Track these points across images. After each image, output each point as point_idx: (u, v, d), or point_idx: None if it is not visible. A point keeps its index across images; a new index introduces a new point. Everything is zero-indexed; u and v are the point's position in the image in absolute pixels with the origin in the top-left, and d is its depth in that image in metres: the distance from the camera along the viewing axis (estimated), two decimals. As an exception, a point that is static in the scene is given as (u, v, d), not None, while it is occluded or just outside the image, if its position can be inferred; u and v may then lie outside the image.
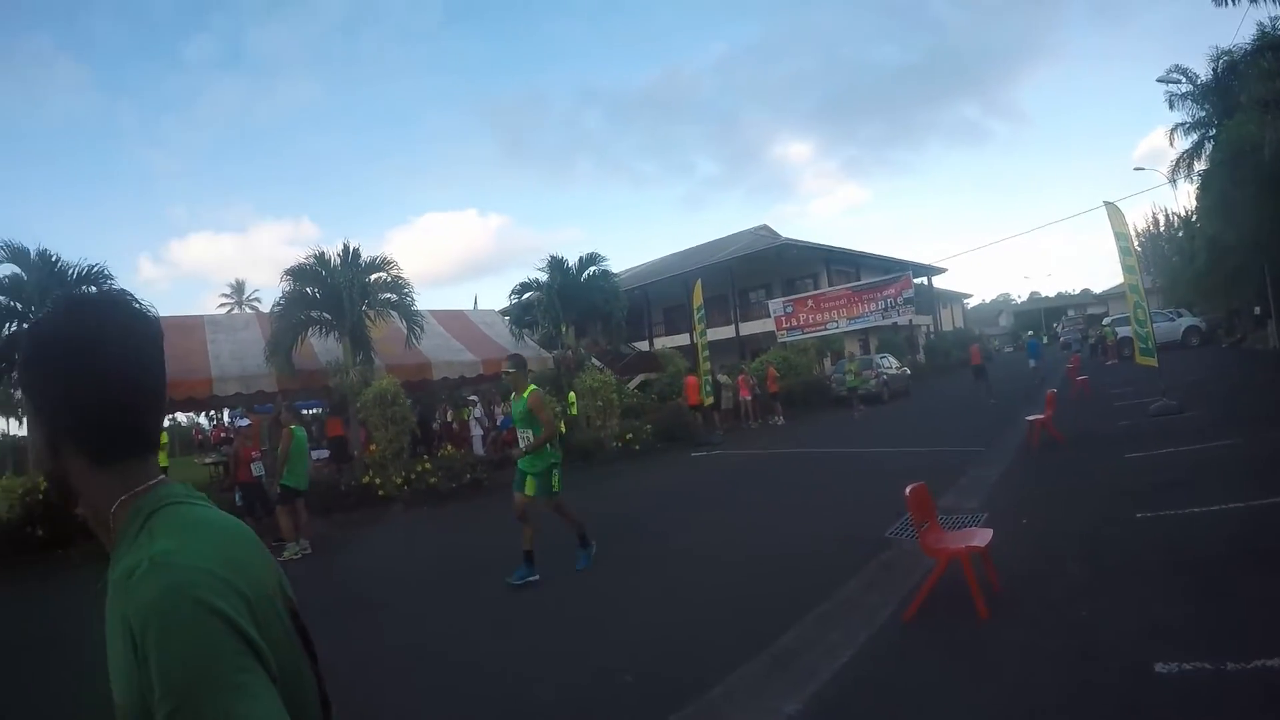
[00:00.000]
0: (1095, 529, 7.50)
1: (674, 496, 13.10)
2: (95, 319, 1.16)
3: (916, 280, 42.30)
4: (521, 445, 8.07)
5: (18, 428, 55.40)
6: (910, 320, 43.12)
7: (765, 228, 50.53)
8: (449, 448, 18.20)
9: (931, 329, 53.42)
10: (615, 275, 26.24)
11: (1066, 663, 4.61)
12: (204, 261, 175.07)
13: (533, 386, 8.16)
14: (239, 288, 72.08)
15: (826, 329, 39.32)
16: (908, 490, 5.92)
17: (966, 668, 4.77)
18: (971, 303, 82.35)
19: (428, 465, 15.74)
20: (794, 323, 40.62)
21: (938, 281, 55.21)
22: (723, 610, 6.34)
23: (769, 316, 42.35)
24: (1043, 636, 5.05)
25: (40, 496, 12.85)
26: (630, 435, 19.95)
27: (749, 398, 25.94)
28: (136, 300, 1.24)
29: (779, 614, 5.90)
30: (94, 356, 1.13)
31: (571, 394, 20.53)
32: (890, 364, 31.73)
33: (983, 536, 5.91)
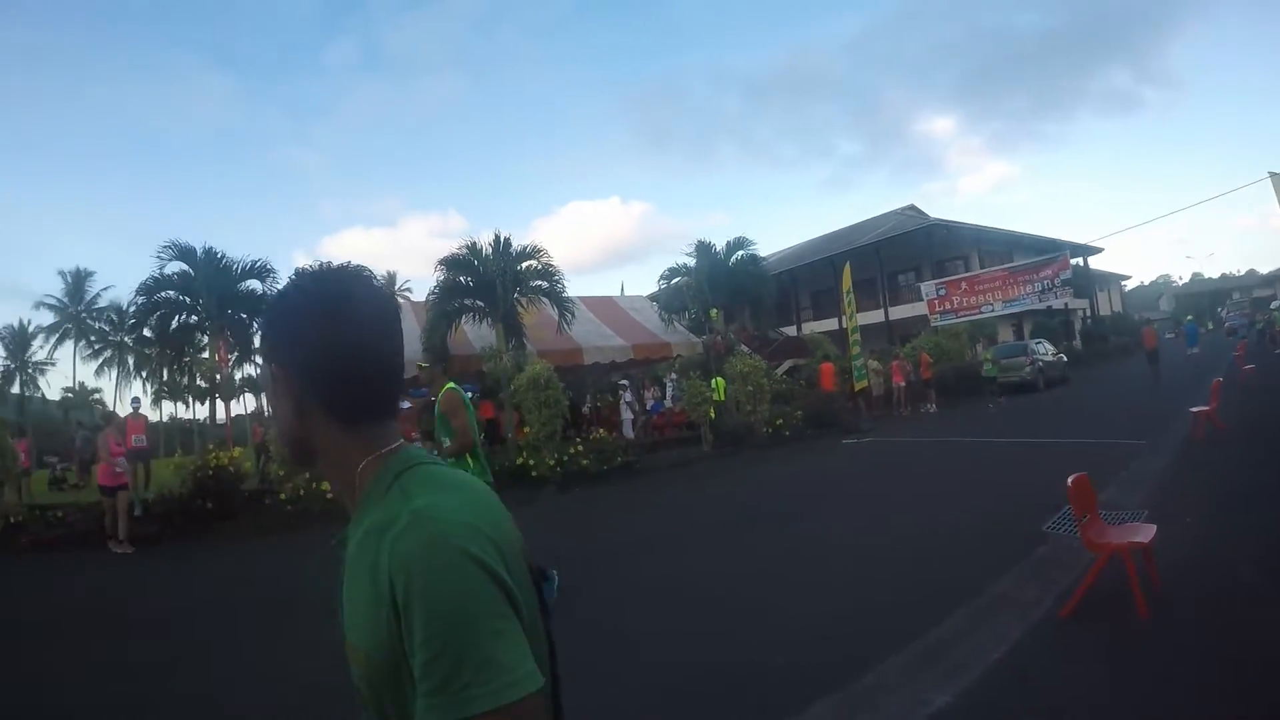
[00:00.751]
0: (1265, 529, 6.95)
1: (825, 484, 12.91)
2: (343, 286, 1.21)
3: (1071, 261, 40.11)
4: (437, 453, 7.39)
5: (184, 411, 59.37)
6: (1066, 304, 41.08)
7: (912, 208, 48.97)
8: (600, 431, 18.37)
9: (1088, 313, 50.46)
10: (762, 259, 25.86)
11: (1232, 669, 4.32)
12: (356, 255, 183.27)
13: (450, 385, 6.90)
14: (391, 279, 74.61)
15: (981, 312, 37.66)
16: (1070, 480, 5.59)
17: (1126, 669, 4.54)
18: (1129, 285, 78.37)
19: (580, 448, 15.94)
20: (947, 306, 39.10)
21: (1093, 262, 51.65)
22: (875, 599, 6.26)
23: (918, 300, 40.78)
24: (1207, 640, 4.76)
25: (210, 473, 13.78)
26: (780, 421, 19.71)
27: (902, 384, 25.13)
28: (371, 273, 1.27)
29: (932, 605, 5.77)
30: (346, 322, 1.18)
31: (719, 379, 20.37)
32: (1046, 350, 30.08)
33: (1146, 532, 5.53)
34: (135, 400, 17.64)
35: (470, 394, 24.17)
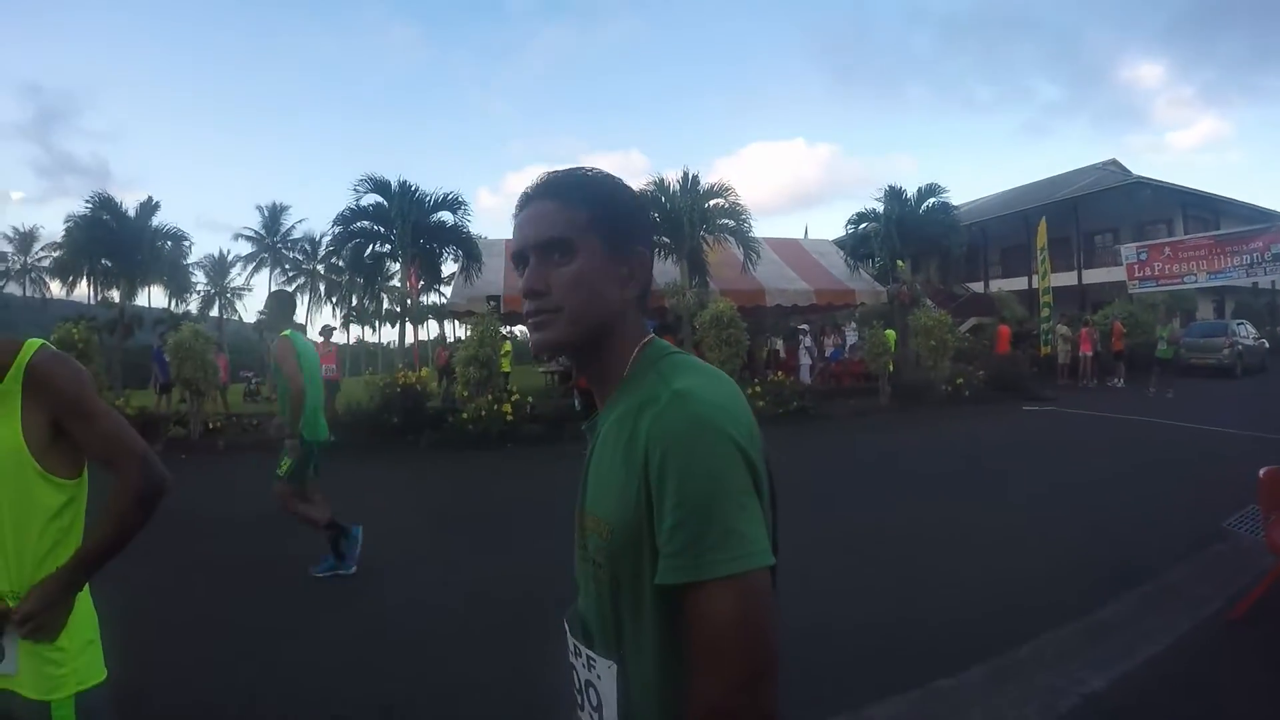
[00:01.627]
0: None
1: (1001, 449, 12.44)
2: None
3: (1284, 235, 36.34)
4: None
5: (370, 335, 62.45)
6: (1275, 283, 37.59)
7: (1114, 163, 45.45)
8: (778, 374, 18.07)
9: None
10: (954, 208, 24.74)
11: None
12: None
13: (286, 332, 6.18)
14: (576, 214, 76.29)
15: (1184, 282, 34.81)
16: (1261, 473, 5.22)
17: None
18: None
19: (758, 389, 15.81)
20: (1147, 272, 35.90)
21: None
22: (1039, 572, 6.07)
23: (1116, 264, 37.65)
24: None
25: (398, 390, 14.55)
26: (961, 380, 18.82)
27: (1090, 353, 23.44)
28: None
29: (1097, 586, 5.60)
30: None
31: (890, 331, 19.61)
32: (1248, 333, 27.40)
33: (1341, 543, 4.96)
34: (326, 329, 17.76)
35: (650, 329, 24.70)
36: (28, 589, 1.87)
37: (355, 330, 62.80)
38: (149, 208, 26.49)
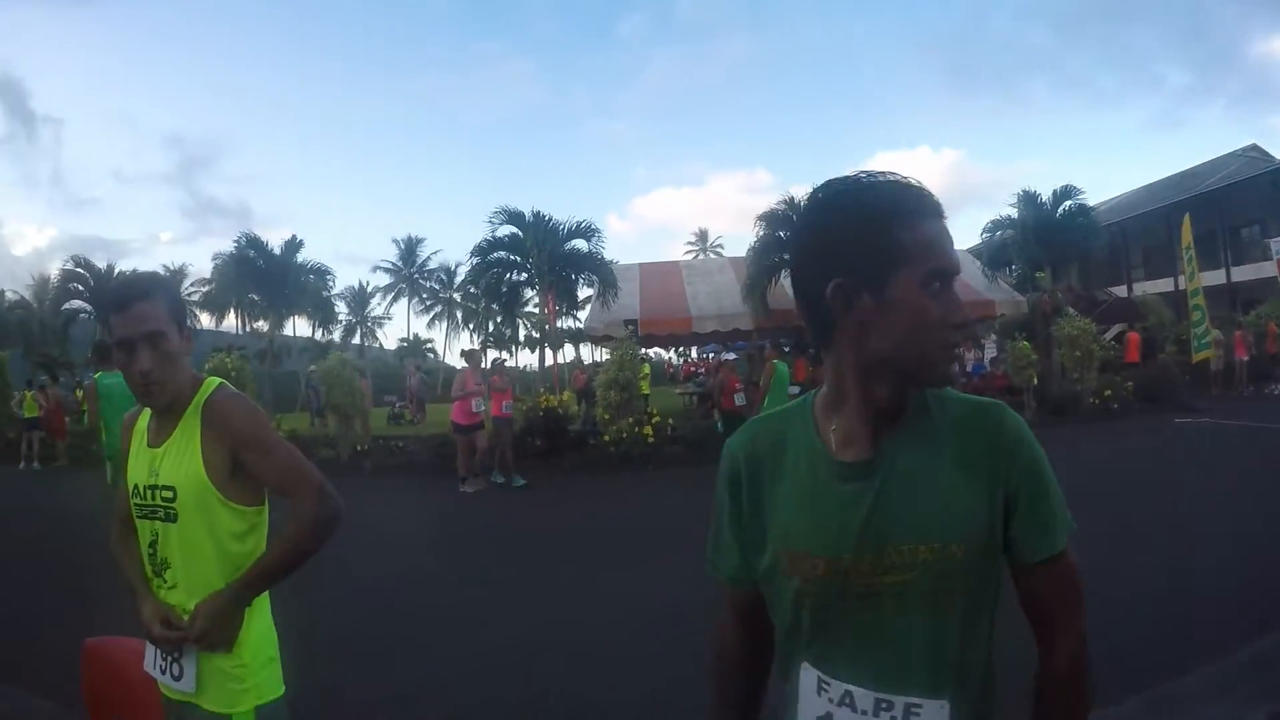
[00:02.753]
0: None
1: (1154, 466, 11.88)
2: None
3: None
4: None
5: (509, 360, 64.19)
6: None
7: (1255, 148, 41.99)
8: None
9: None
10: (1091, 209, 23.84)
11: None
12: (666, 214, 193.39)
13: (96, 375, 6.21)
14: (703, 235, 77.42)
15: (1343, 277, 32.37)
16: None
17: None
18: None
19: None
20: None
21: None
22: (1196, 599, 5.79)
23: (1266, 259, 34.55)
24: None
25: (540, 413, 15.10)
26: (1109, 392, 18.08)
27: (1245, 359, 22.05)
28: None
29: (1259, 616, 5.22)
30: None
31: (1025, 343, 18.77)
32: None
33: None
34: (497, 363, 15.82)
35: (743, 349, 23.89)
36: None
37: (492, 355, 64.81)
38: (293, 245, 27.92)
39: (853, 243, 1.19)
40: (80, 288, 38.27)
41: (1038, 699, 1.35)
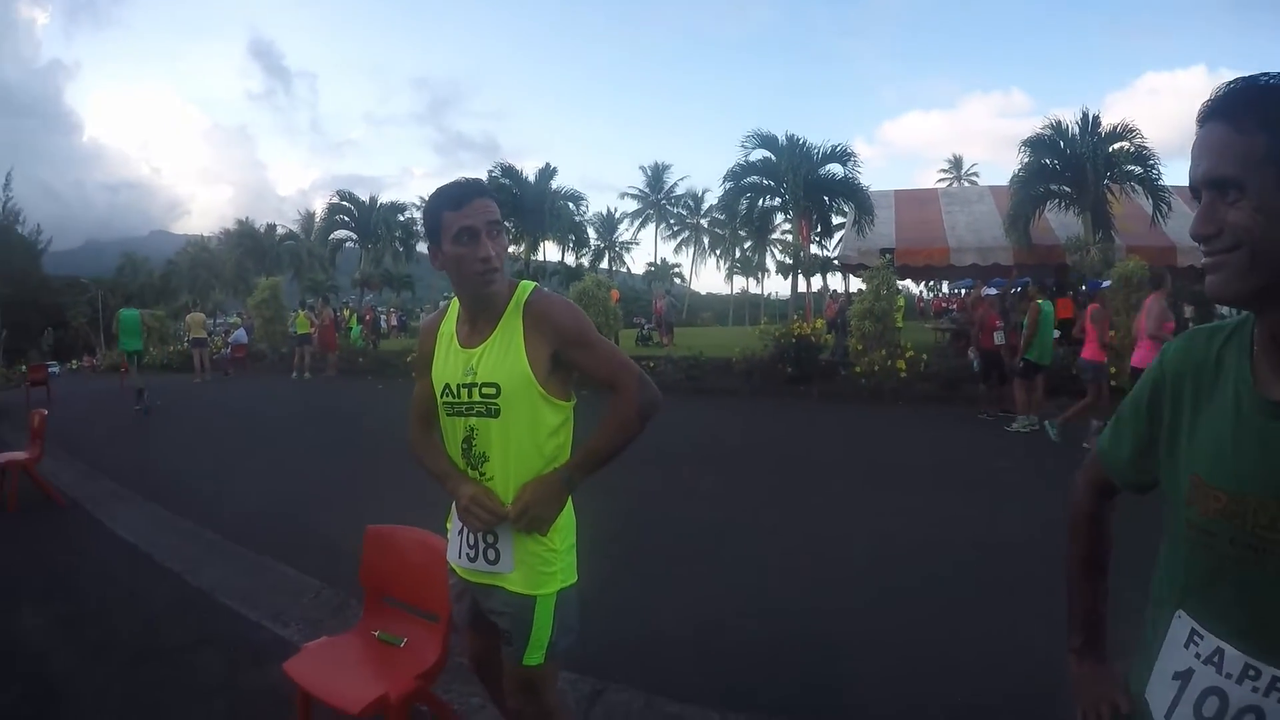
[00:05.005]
0: None
1: None
2: None
3: None
4: None
5: (755, 287, 64.79)
6: None
7: None
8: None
9: None
10: None
11: None
12: (915, 138, 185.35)
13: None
14: (957, 163, 73.21)
15: None
16: None
17: None
18: None
19: None
20: None
21: None
22: None
23: None
24: None
25: (793, 340, 15.06)
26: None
27: None
28: None
29: None
30: None
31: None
32: None
33: None
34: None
35: (1018, 287, 22.88)
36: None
37: (739, 281, 65.69)
38: (547, 173, 29.09)
39: None
40: (345, 219, 41.71)
41: None
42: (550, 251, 43.88)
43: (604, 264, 63.61)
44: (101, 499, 7.62)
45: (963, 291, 27.50)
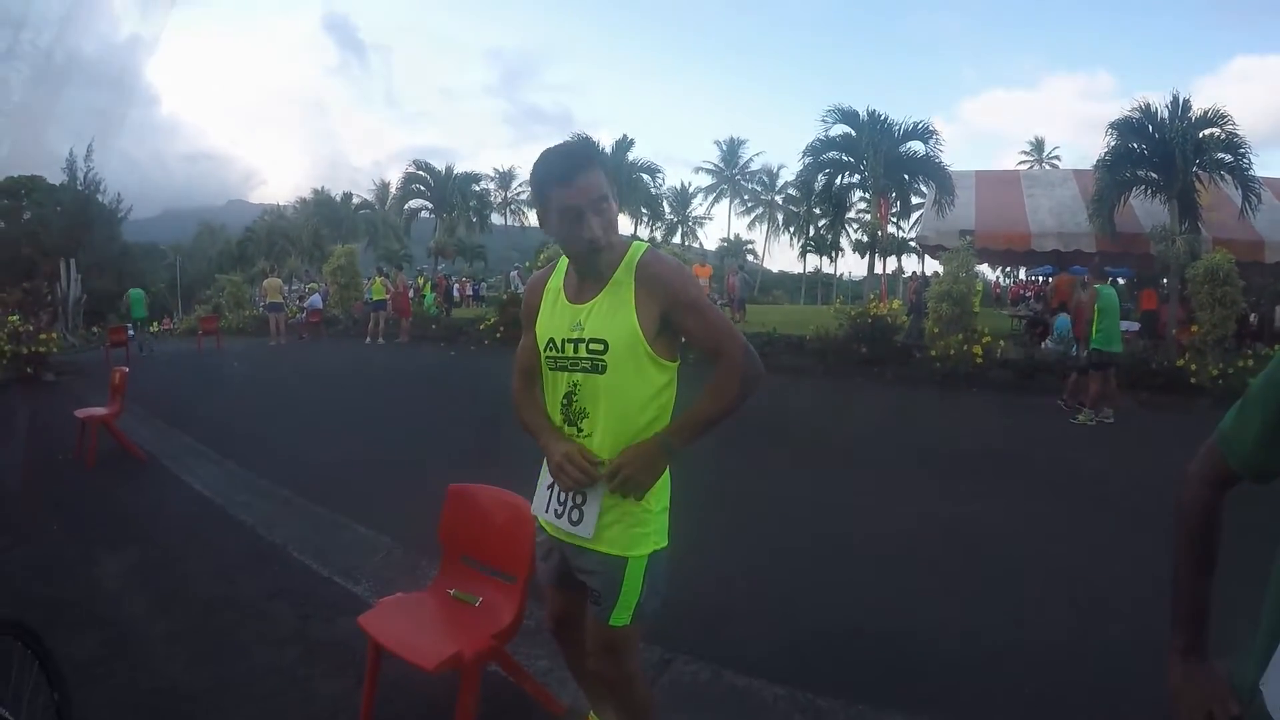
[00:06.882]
0: None
1: None
2: None
3: None
4: None
5: (829, 266, 64.38)
6: None
7: None
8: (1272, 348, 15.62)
9: None
10: None
11: None
12: (995, 118, 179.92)
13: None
14: (1039, 145, 71.12)
15: None
16: None
17: None
18: None
19: (1251, 361, 13.54)
20: None
21: None
22: None
23: None
24: None
25: (869, 320, 14.99)
26: None
27: None
28: None
29: None
30: None
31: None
32: None
33: None
34: None
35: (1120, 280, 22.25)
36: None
37: (812, 260, 65.27)
38: (623, 144, 29.12)
39: None
40: (421, 188, 42.22)
41: None
42: (624, 225, 44.17)
43: (677, 238, 63.49)
44: (179, 455, 7.99)
45: (1040, 279, 26.98)
